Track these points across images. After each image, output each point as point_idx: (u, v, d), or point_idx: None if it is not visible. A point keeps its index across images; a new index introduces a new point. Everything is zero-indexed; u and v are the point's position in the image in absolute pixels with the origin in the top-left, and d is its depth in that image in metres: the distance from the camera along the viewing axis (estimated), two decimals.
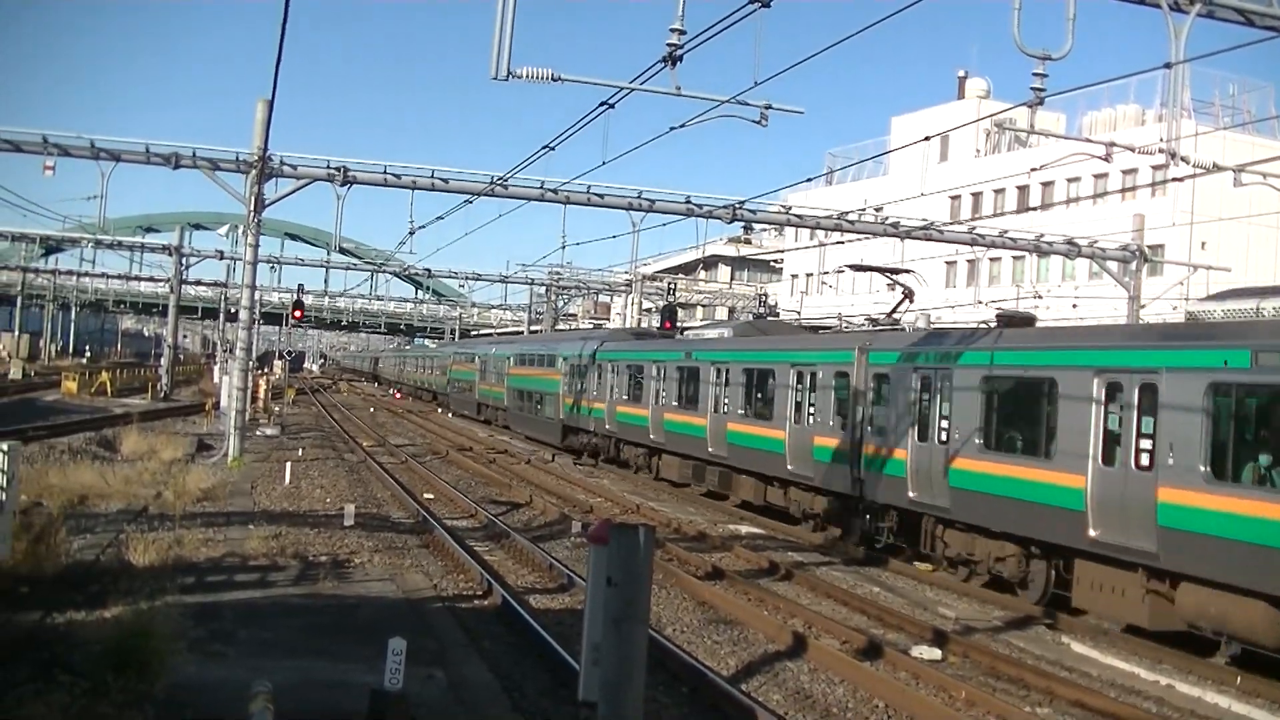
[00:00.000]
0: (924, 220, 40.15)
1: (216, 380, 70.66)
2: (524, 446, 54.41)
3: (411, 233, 40.76)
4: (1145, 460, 18.18)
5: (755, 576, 23.67)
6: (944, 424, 23.46)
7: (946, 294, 65.06)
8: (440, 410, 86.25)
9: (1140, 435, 18.27)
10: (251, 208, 36.48)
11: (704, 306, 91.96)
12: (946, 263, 68.60)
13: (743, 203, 36.96)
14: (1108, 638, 19.70)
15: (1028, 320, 24.74)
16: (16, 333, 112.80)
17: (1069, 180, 61.86)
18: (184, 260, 73.88)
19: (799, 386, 29.68)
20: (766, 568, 24.62)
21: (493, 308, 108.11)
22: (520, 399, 58.76)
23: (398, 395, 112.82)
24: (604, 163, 28.88)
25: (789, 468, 29.85)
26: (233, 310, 73.08)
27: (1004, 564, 21.88)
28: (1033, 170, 49.10)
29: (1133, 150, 32.78)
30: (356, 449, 47.05)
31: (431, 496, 33.46)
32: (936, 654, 17.93)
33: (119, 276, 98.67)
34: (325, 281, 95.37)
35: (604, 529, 7.90)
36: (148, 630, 12.23)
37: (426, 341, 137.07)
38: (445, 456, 46.63)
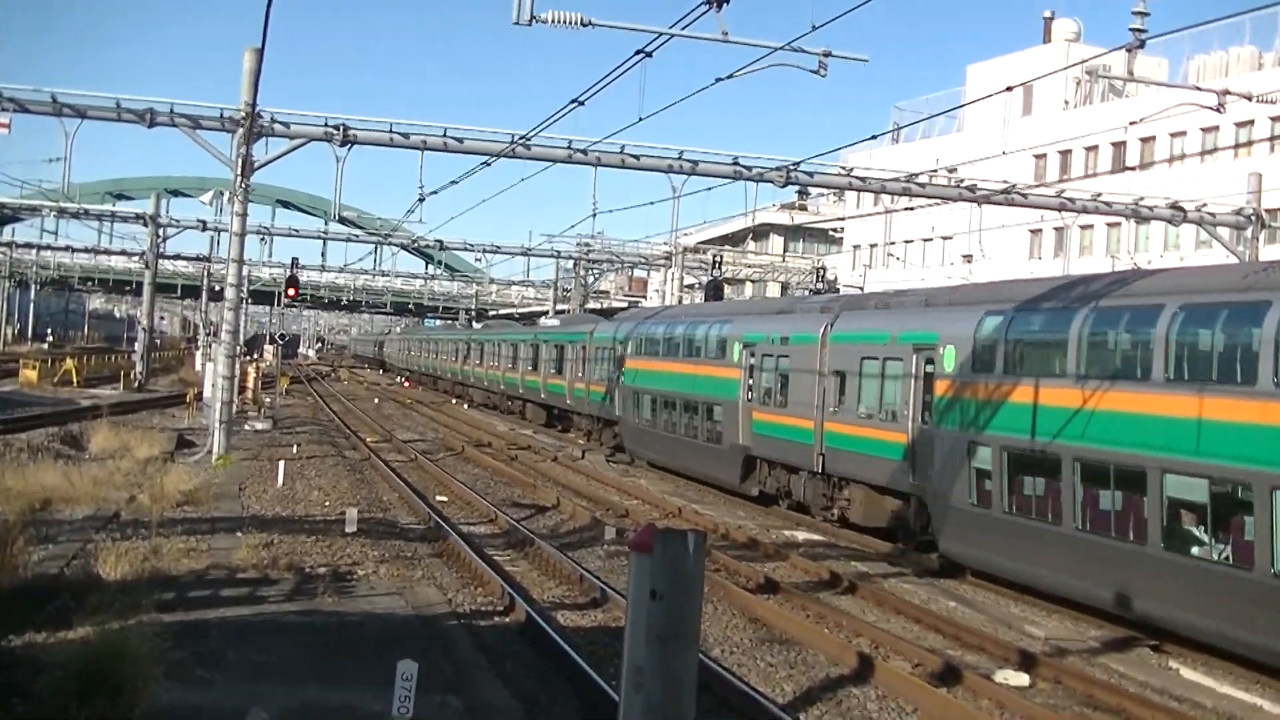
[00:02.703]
0: (1004, 183, 39.91)
1: (199, 368, 71.20)
2: (549, 441, 54.71)
3: (421, 200, 40.80)
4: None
5: (814, 589, 23.75)
6: None
7: (1030, 267, 64.76)
8: (456, 401, 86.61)
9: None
10: (239, 171, 36.65)
11: (753, 282, 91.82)
12: (1031, 231, 68.29)
13: (798, 164, 36.85)
14: (1223, 664, 19.57)
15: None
16: None
17: (1173, 135, 61.47)
18: (161, 231, 74.11)
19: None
20: (827, 579, 24.73)
21: (513, 284, 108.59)
22: (649, 408, 43.88)
23: (406, 384, 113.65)
24: (640, 119, 28.43)
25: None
26: (217, 288, 73.66)
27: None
28: (1131, 124, 48.78)
29: (1248, 99, 32.48)
30: (359, 445, 47.31)
31: (445, 499, 33.67)
32: (1024, 679, 17.93)
33: (86, 250, 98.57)
34: (323, 255, 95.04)
35: (648, 535, 7.90)
36: (119, 652, 12.15)
37: (434, 322, 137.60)
38: (460, 453, 47.06)
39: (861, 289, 70.43)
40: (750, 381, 36.07)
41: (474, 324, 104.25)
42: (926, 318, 27.57)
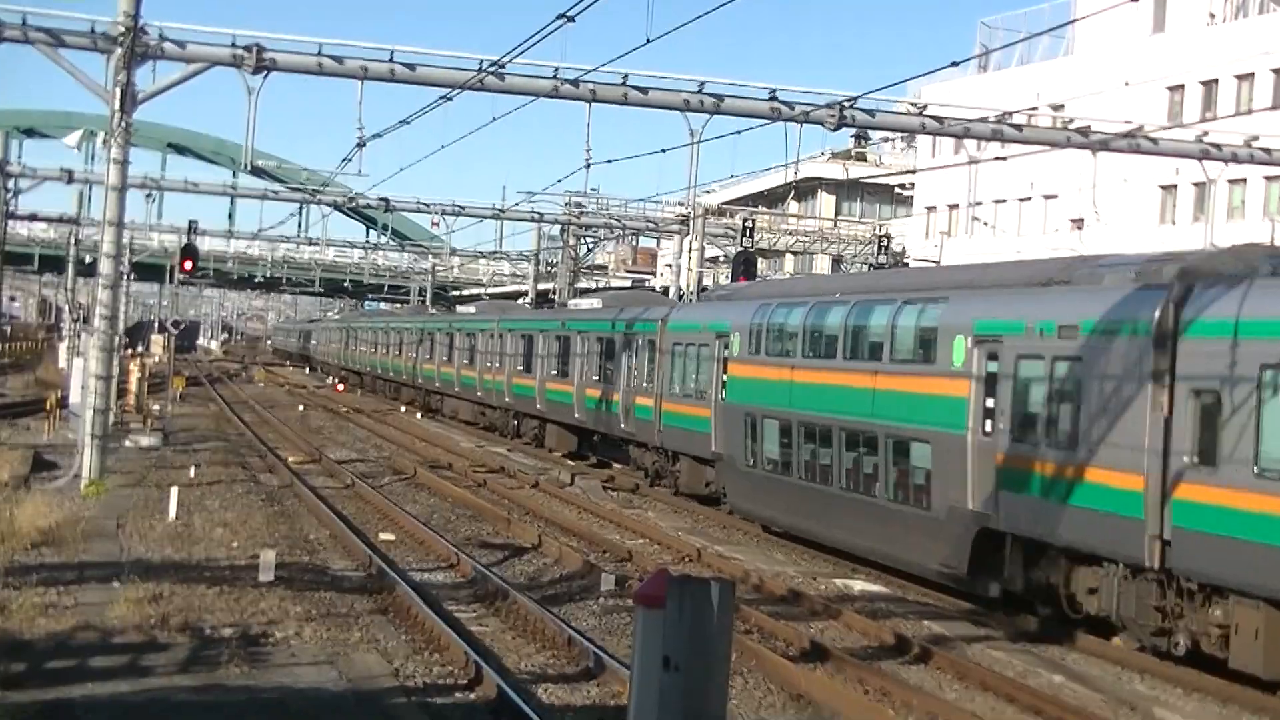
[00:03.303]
0: (1127, 123, 39.86)
1: (63, 365, 71.13)
2: (530, 463, 54.65)
3: (360, 145, 40.45)
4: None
5: (875, 657, 23.76)
6: None
7: (1161, 232, 64.66)
8: (406, 410, 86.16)
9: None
10: (116, 105, 36.54)
11: (795, 254, 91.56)
12: (1162, 188, 68.19)
13: (854, 99, 36.88)
14: None
15: None
16: None
17: None
18: (12, 183, 73.68)
19: None
20: (892, 644, 24.76)
21: (481, 256, 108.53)
22: (774, 440, 37.49)
23: (340, 386, 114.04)
24: (649, 41, 28.43)
25: None
26: (88, 260, 73.59)
27: None
28: None
29: None
30: (278, 467, 47.47)
31: (392, 537, 33.83)
32: None
33: None
34: (230, 218, 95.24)
35: (659, 584, 8.02)
36: None
37: (378, 306, 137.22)
38: (411, 478, 47.30)
39: (938, 264, 70.36)
40: (990, 401, 28.67)
41: (431, 308, 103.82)
42: None
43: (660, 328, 47.31)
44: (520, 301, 68.55)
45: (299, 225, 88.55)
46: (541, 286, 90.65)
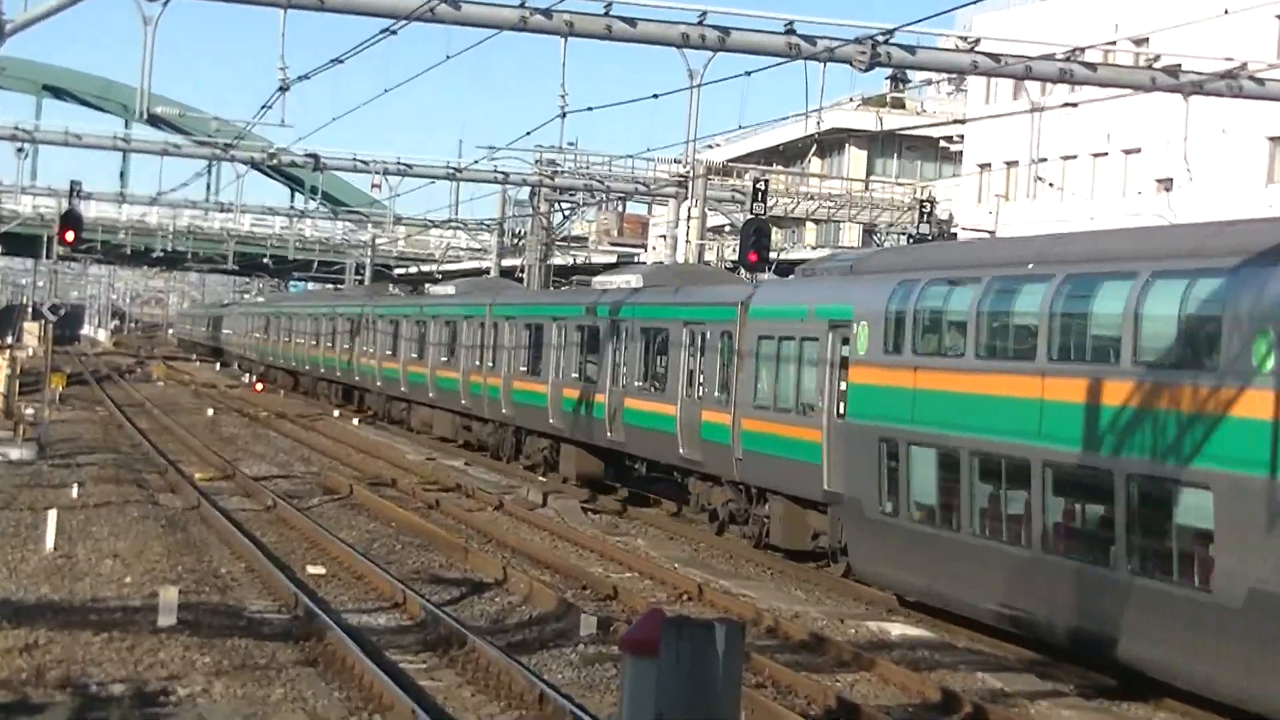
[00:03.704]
0: (1227, 61, 39.76)
1: None
2: (491, 479, 55.14)
3: (283, 88, 39.50)
4: None
5: (917, 717, 23.95)
6: None
7: (1270, 194, 64.60)
8: (340, 414, 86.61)
9: None
10: None
11: (817, 222, 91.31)
12: (1270, 139, 68.18)
13: (889, 33, 36.73)
14: None
15: None
16: None
17: None
18: None
19: None
20: (938, 701, 24.84)
21: (433, 226, 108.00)
22: (931, 479, 32.88)
23: (259, 386, 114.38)
24: None
25: None
26: None
27: None
28: None
29: None
30: (181, 485, 47.53)
31: (322, 571, 34.02)
32: None
33: None
34: (122, 178, 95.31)
35: (651, 627, 8.17)
36: None
37: (304, 286, 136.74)
38: (347, 497, 47.71)
39: (992, 234, 70.19)
40: None
41: (393, 287, 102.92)
42: None
43: (740, 315, 42.16)
44: (600, 280, 60.30)
45: (208, 187, 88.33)
46: (507, 263, 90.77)
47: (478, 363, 64.70)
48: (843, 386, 35.87)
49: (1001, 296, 30.74)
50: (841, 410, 35.75)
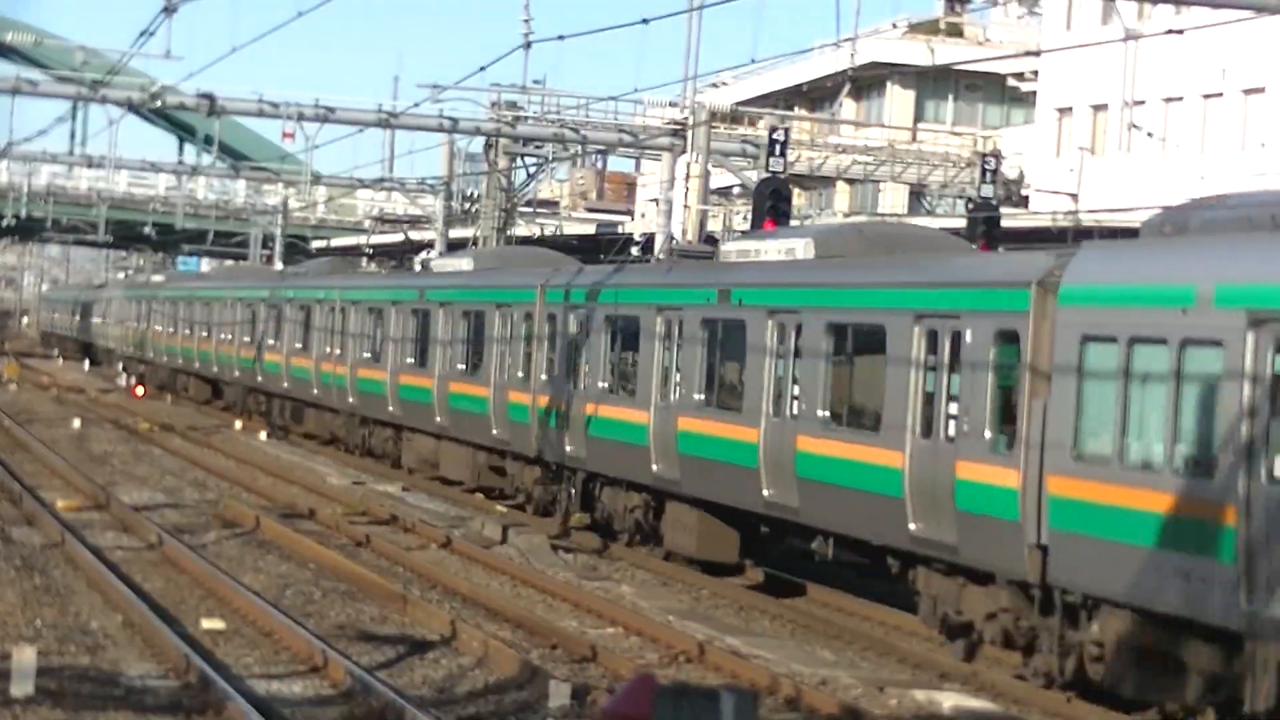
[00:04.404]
0: None
1: None
2: (437, 509, 54.24)
3: (169, 11, 40.19)
4: None
5: None
6: None
7: None
8: (243, 427, 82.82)
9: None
10: None
11: (851, 181, 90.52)
12: None
13: None
14: None
15: None
16: None
17: None
18: None
19: None
20: None
21: (362, 186, 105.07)
22: None
23: (139, 390, 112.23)
24: None
25: None
26: None
27: None
28: None
29: None
30: (40, 516, 46.53)
31: (221, 626, 32.57)
32: None
33: None
34: None
35: (639, 698, 9.44)
36: None
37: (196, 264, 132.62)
38: (252, 531, 46.84)
39: (1074, 198, 71.72)
40: None
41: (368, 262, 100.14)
42: None
43: (1036, 300, 28.65)
44: (727, 246, 47.67)
45: (71, 135, 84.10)
46: (456, 234, 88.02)
47: (527, 369, 52.30)
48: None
49: None
50: (1275, 472, 23.13)
